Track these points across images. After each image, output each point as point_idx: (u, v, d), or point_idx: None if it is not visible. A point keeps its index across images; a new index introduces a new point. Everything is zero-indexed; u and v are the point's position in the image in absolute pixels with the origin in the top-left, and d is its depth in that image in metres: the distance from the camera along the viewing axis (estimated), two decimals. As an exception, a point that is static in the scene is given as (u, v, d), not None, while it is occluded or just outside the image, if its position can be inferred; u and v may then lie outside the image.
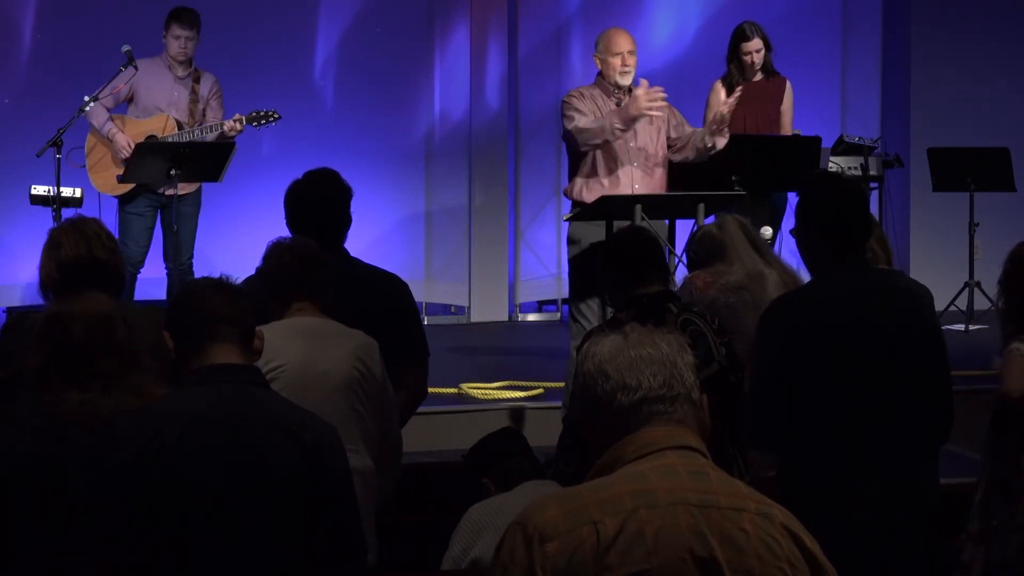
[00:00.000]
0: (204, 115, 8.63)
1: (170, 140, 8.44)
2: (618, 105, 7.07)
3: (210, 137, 8.48)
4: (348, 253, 5.11)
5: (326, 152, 10.33)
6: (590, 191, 7.06)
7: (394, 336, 4.85)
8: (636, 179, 7.06)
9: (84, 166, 8.50)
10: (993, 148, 9.76)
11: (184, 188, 8.41)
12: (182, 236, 8.48)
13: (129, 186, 8.46)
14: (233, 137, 8.51)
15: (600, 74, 7.24)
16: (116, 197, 8.57)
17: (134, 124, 8.53)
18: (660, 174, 7.20)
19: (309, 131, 10.56)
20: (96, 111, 8.41)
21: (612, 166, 7.07)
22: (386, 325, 4.80)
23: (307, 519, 3.24)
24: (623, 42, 7.20)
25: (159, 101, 8.56)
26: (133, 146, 8.33)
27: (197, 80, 8.65)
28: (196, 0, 10.28)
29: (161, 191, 8.48)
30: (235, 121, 8.49)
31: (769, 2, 10.70)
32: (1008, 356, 4.37)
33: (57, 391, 3.50)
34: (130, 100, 8.58)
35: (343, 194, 5.12)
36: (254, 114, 8.56)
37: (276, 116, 8.60)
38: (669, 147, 7.23)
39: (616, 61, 7.13)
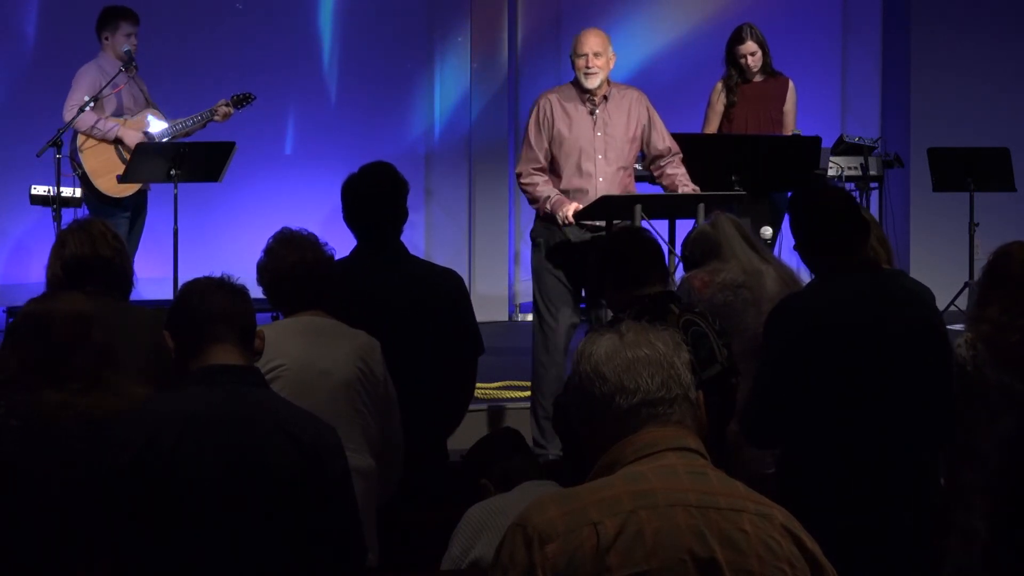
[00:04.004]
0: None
1: (167, 138, 8.45)
2: (591, 114, 6.83)
3: (197, 125, 8.58)
4: (405, 247, 5.13)
5: (325, 152, 10.36)
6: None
7: (451, 331, 4.93)
8: (601, 170, 6.82)
9: (76, 174, 8.42)
10: (993, 148, 9.74)
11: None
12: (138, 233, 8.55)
13: (134, 188, 8.43)
14: (221, 120, 8.62)
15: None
16: (119, 199, 8.50)
17: (131, 124, 8.48)
18: (626, 175, 6.95)
19: (308, 131, 10.57)
20: (87, 117, 8.30)
21: (575, 162, 6.86)
22: (444, 320, 4.88)
23: (306, 519, 3.23)
24: (587, 43, 6.90)
25: (127, 101, 8.51)
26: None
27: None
28: (201, 3, 10.29)
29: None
30: (225, 105, 8.61)
31: (769, 2, 10.70)
32: None
33: (35, 391, 3.49)
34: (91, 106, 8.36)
35: (400, 188, 5.13)
36: (236, 97, 8.68)
37: (252, 97, 8.73)
38: (644, 158, 7.14)
39: (580, 62, 6.86)
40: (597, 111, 6.88)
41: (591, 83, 6.85)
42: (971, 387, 4.26)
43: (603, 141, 6.85)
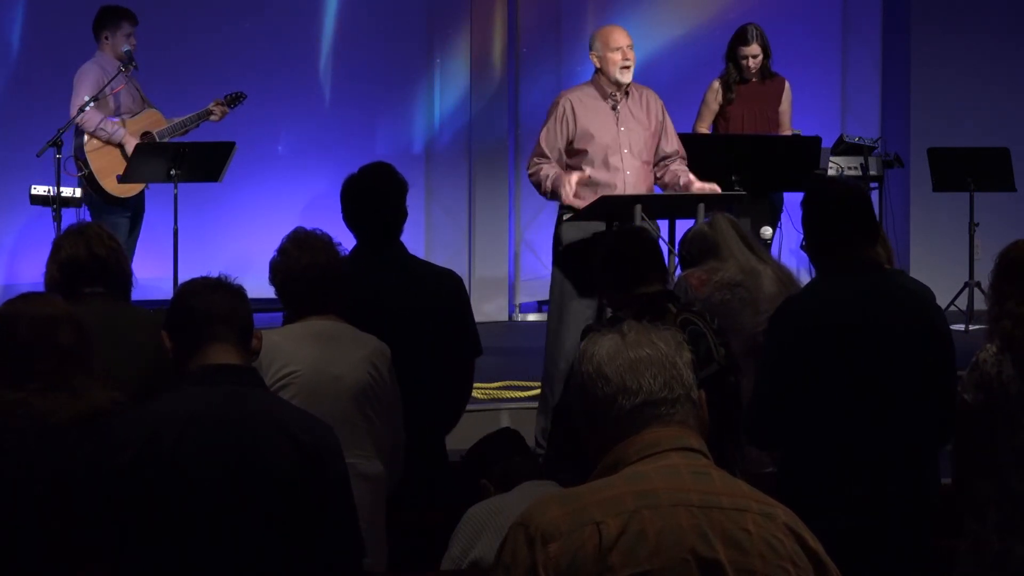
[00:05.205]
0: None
1: (167, 138, 8.47)
2: (613, 109, 6.87)
3: (191, 125, 8.61)
4: (405, 248, 5.13)
5: (325, 152, 10.36)
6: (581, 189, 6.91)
7: (450, 331, 4.94)
8: (627, 164, 6.84)
9: (82, 174, 8.42)
10: (993, 148, 9.76)
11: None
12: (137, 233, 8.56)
13: (138, 188, 8.44)
14: (218, 119, 8.65)
15: (598, 72, 6.98)
16: (124, 199, 8.50)
17: (132, 123, 8.52)
18: (648, 169, 6.98)
19: (307, 131, 10.57)
20: (91, 116, 8.32)
21: (602, 158, 6.87)
22: (443, 320, 4.93)
23: (304, 520, 3.23)
24: (621, 36, 6.95)
25: (126, 100, 8.54)
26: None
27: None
28: (203, 4, 10.28)
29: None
30: (219, 105, 8.63)
31: (769, 2, 10.71)
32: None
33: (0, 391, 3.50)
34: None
35: (399, 187, 5.13)
36: (228, 97, 8.70)
37: (244, 96, 8.77)
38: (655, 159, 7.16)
39: (616, 56, 6.87)
40: (619, 107, 6.93)
41: (627, 76, 6.89)
42: (997, 401, 4.22)
43: (627, 136, 6.90)
